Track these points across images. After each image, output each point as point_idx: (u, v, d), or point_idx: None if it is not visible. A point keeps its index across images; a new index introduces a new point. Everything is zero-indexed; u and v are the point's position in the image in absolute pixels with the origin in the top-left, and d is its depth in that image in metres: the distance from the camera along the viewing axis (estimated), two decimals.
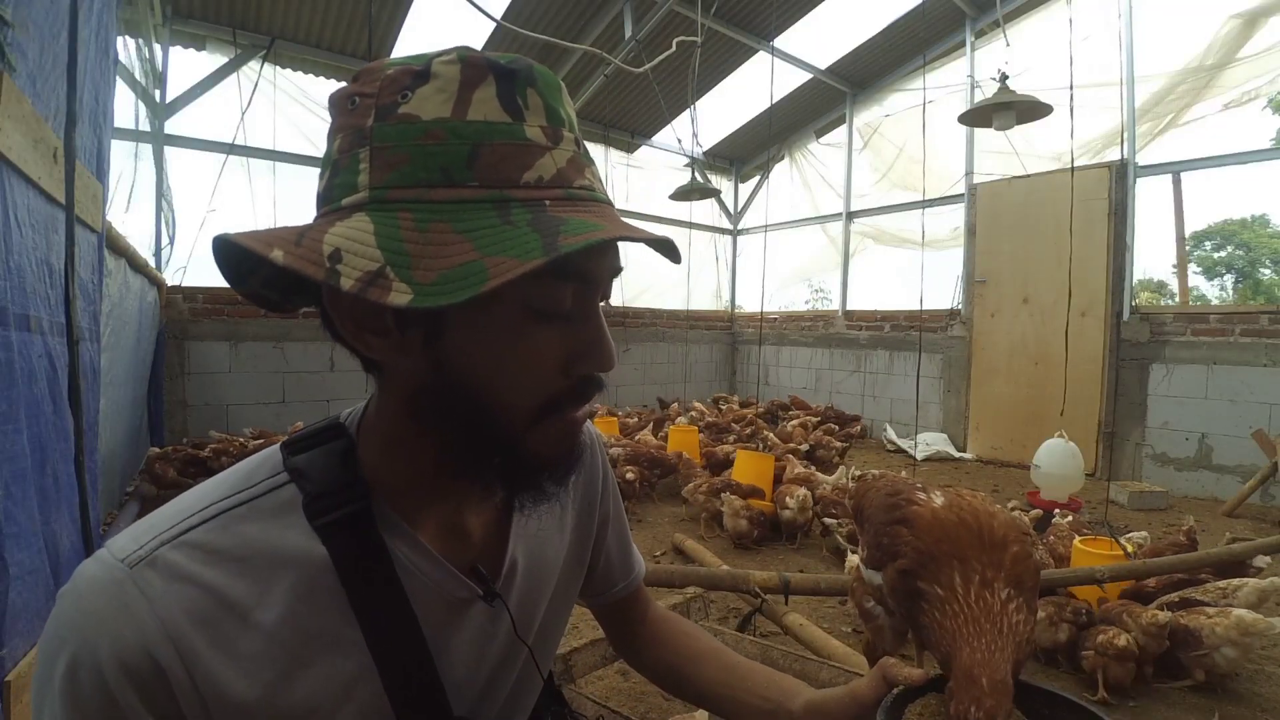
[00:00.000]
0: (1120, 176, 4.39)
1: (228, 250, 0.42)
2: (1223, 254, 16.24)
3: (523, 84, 0.42)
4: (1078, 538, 2.29)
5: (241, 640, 0.42)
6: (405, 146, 0.40)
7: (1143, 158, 4.41)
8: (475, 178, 0.40)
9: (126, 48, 3.37)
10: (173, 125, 4.31)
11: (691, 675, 0.72)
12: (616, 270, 0.48)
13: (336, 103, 0.44)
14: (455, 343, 0.43)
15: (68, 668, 0.39)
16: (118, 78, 2.01)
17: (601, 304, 0.49)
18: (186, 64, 4.37)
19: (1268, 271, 15.91)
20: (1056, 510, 2.86)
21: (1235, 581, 1.93)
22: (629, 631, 0.78)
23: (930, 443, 5.18)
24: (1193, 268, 15.88)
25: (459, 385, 0.44)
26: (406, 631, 0.48)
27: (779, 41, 5.37)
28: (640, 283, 6.84)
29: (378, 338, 0.44)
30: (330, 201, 0.42)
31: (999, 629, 0.54)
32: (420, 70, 0.41)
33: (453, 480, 0.50)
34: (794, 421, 5.09)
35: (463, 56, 0.42)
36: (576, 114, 0.49)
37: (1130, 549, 2.13)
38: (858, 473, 3.27)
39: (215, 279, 4.48)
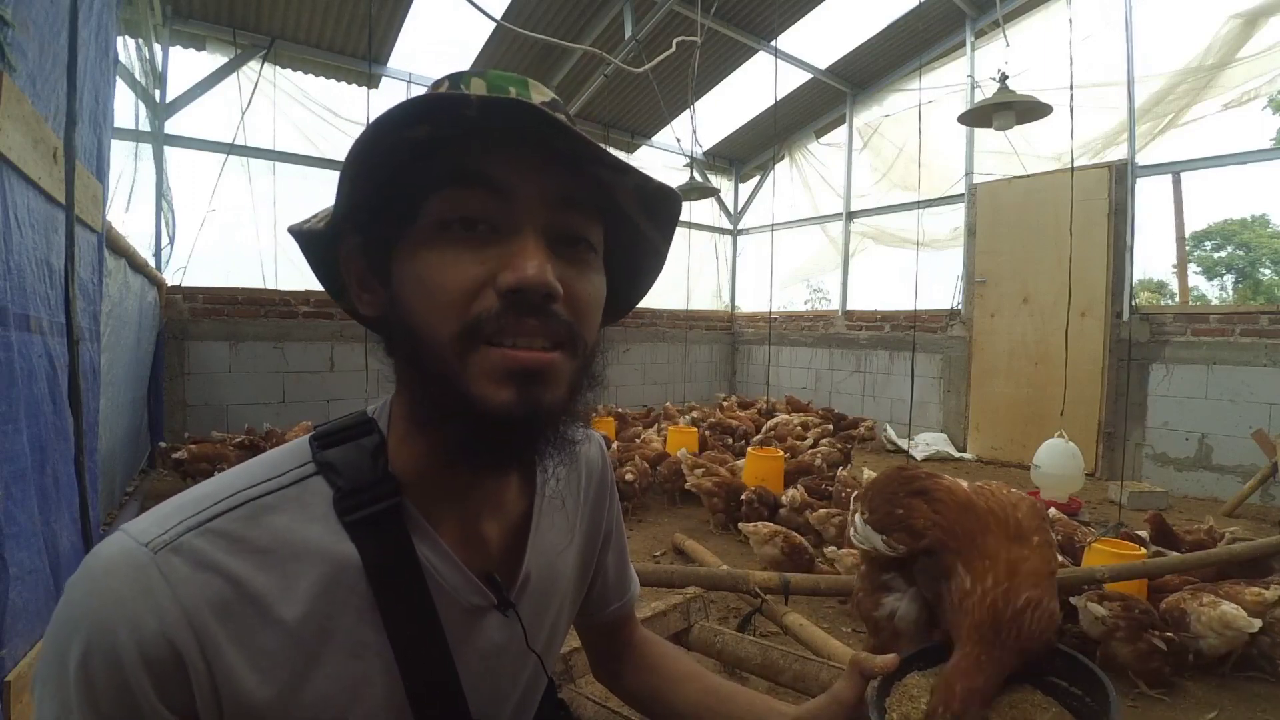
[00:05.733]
0: (1120, 176, 4.39)
1: (310, 260, 0.53)
2: (1223, 254, 16.25)
3: (469, 77, 0.46)
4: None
5: (261, 636, 0.41)
6: None
7: (1143, 158, 4.41)
8: None
9: (126, 48, 3.36)
10: (173, 125, 4.31)
11: (674, 698, 0.71)
12: (555, 189, 0.44)
13: None
14: (396, 273, 0.46)
15: (82, 654, 0.37)
16: (118, 78, 2.01)
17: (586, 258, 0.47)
18: (186, 64, 4.38)
19: (1268, 271, 15.92)
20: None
21: None
22: (615, 654, 0.77)
23: (930, 443, 5.18)
24: (1193, 268, 15.89)
25: (402, 317, 0.45)
26: (432, 636, 0.47)
27: (779, 41, 5.36)
28: None
29: (368, 293, 0.50)
30: None
31: (1000, 636, 0.54)
32: None
33: (451, 464, 0.48)
34: (794, 420, 5.09)
35: (443, 78, 0.48)
36: (576, 113, 0.49)
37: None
38: (870, 473, 3.26)
39: (215, 279, 4.44)
